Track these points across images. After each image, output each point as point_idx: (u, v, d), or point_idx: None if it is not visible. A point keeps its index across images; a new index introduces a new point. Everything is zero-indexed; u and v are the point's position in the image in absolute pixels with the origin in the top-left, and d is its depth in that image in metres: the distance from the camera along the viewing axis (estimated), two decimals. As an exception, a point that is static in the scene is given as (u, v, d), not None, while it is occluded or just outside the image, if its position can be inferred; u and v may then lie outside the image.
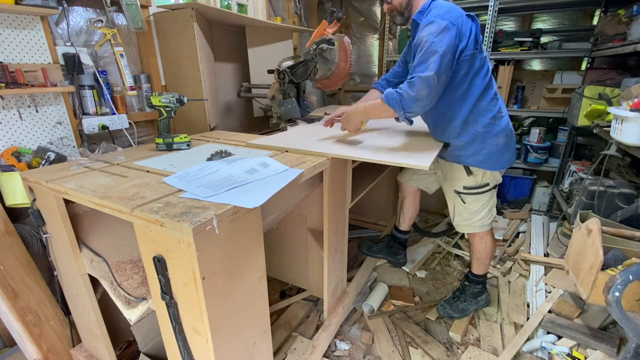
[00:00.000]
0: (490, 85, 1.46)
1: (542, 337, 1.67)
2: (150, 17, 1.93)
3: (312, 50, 1.80)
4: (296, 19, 3.19)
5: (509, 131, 1.53)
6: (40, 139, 1.55)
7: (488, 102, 1.46)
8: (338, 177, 1.48)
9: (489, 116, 1.46)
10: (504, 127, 1.50)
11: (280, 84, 1.96)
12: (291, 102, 1.97)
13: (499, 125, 1.49)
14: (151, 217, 0.82)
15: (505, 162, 1.58)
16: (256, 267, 1.03)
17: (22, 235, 1.43)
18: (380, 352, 1.64)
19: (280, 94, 2.00)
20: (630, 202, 1.90)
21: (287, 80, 1.93)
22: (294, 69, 1.91)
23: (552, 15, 3.05)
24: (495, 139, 1.50)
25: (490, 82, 1.46)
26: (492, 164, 1.55)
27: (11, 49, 1.42)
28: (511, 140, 1.56)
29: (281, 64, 1.97)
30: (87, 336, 1.45)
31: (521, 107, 2.96)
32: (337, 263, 1.68)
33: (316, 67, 1.84)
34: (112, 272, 1.08)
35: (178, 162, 1.29)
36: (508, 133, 1.53)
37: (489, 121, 1.47)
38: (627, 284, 1.12)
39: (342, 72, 1.85)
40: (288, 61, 2.02)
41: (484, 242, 1.71)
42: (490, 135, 1.49)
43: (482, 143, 1.50)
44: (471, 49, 1.35)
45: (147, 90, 1.97)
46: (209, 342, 0.89)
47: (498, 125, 1.48)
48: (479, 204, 1.63)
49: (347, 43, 1.82)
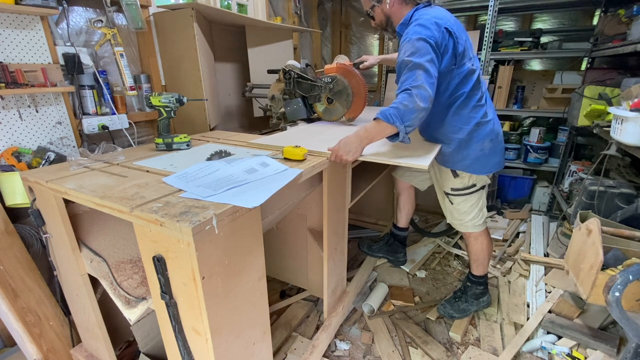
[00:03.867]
0: (474, 93, 1.44)
1: (542, 337, 1.67)
2: (150, 17, 1.93)
3: (324, 82, 1.87)
4: (296, 19, 3.19)
5: (494, 135, 1.52)
6: (40, 139, 1.55)
7: (470, 109, 1.45)
8: (338, 177, 1.48)
9: (472, 123, 1.46)
10: (488, 131, 1.49)
11: (286, 84, 1.95)
12: (297, 102, 1.94)
13: (484, 131, 1.48)
14: (151, 217, 0.82)
15: (493, 166, 1.57)
16: (256, 267, 1.03)
17: (22, 235, 1.43)
18: (380, 352, 1.64)
19: (286, 93, 1.99)
20: (630, 202, 1.90)
21: (293, 80, 1.91)
22: (300, 79, 1.92)
23: (552, 15, 3.05)
24: (480, 144, 1.49)
25: (474, 91, 1.44)
26: (479, 168, 1.55)
27: (11, 49, 1.42)
28: (498, 144, 1.55)
29: (287, 64, 1.97)
30: (87, 336, 1.45)
31: (521, 107, 2.96)
32: (337, 263, 1.68)
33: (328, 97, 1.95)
34: (112, 272, 1.08)
35: (178, 162, 1.29)
36: (494, 137, 1.51)
37: (472, 128, 1.47)
38: (627, 284, 1.12)
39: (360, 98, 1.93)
40: (294, 62, 2.03)
41: (479, 242, 1.71)
42: (475, 141, 1.49)
43: (468, 149, 1.50)
44: (446, 66, 1.34)
45: (147, 90, 1.97)
46: (209, 342, 0.89)
47: (483, 131, 1.48)
48: (467, 204, 1.63)
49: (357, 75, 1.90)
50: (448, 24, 1.33)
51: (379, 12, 1.50)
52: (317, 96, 1.94)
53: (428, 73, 1.25)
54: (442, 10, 1.40)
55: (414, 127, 1.31)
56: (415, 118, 1.27)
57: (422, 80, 1.24)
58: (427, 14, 1.35)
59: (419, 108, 1.24)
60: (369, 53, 3.87)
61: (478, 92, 1.46)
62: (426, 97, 1.24)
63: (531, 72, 3.13)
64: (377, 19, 1.53)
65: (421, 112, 1.26)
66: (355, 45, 3.94)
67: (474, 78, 1.43)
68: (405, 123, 1.27)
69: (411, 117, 1.26)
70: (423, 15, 1.35)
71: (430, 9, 1.39)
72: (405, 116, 1.26)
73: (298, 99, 1.95)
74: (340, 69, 1.89)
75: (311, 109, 2.03)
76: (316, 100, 1.96)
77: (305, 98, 1.96)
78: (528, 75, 3.07)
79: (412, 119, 1.26)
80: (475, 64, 1.46)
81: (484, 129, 1.48)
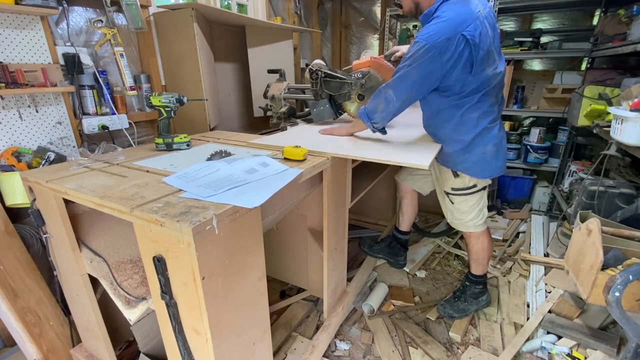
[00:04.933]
0: (485, 100, 1.41)
1: (542, 337, 1.67)
2: (150, 17, 1.93)
3: (355, 78, 1.82)
4: (296, 19, 3.19)
5: (499, 140, 1.51)
6: (40, 139, 1.55)
7: (480, 114, 1.43)
8: (338, 176, 1.48)
9: (480, 127, 1.44)
10: (493, 136, 1.48)
11: (313, 84, 1.88)
12: (324, 103, 1.89)
13: (489, 135, 1.47)
14: (151, 217, 0.82)
15: (494, 170, 1.56)
16: (256, 267, 1.03)
17: (22, 235, 1.43)
18: (380, 352, 1.64)
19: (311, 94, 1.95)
20: (630, 202, 1.90)
21: (321, 80, 1.85)
22: (328, 78, 1.85)
23: (552, 15, 3.05)
24: (483, 148, 1.48)
25: (488, 96, 1.41)
26: (480, 171, 1.54)
27: (11, 49, 1.42)
28: (501, 149, 1.53)
29: (314, 63, 1.92)
30: (87, 336, 1.45)
31: (521, 107, 2.96)
32: (337, 263, 1.68)
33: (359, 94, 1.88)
34: (112, 272, 1.08)
35: (178, 162, 1.29)
36: (498, 142, 1.50)
37: (479, 132, 1.45)
38: (627, 284, 1.12)
39: None
40: (321, 61, 1.98)
41: (480, 242, 1.71)
42: (479, 145, 1.48)
43: (470, 152, 1.49)
44: (458, 74, 1.30)
45: (147, 90, 1.97)
46: (209, 342, 0.89)
47: (488, 135, 1.47)
48: (467, 204, 1.63)
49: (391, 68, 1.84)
50: (468, 28, 1.23)
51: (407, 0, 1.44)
52: (347, 94, 1.86)
53: (411, 88, 1.34)
54: (469, 6, 1.28)
55: (379, 124, 1.48)
56: (377, 116, 1.45)
57: (397, 94, 1.36)
58: (451, 10, 1.26)
59: (380, 109, 1.42)
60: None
61: (491, 97, 1.43)
62: (390, 105, 1.39)
63: (531, 72, 3.13)
64: (406, 7, 1.45)
65: (382, 113, 1.43)
66: (355, 45, 3.94)
67: (493, 84, 1.39)
68: (370, 119, 1.47)
69: (373, 116, 1.46)
70: (445, 14, 1.26)
71: (459, 3, 1.28)
72: (370, 113, 1.47)
73: (325, 100, 1.89)
74: (373, 63, 1.81)
75: (338, 109, 1.97)
76: (346, 98, 1.88)
77: (332, 98, 1.90)
78: (528, 75, 3.07)
79: (374, 116, 1.46)
80: (500, 67, 1.40)
81: (490, 133, 1.47)
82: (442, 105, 1.44)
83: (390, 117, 1.45)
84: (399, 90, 1.36)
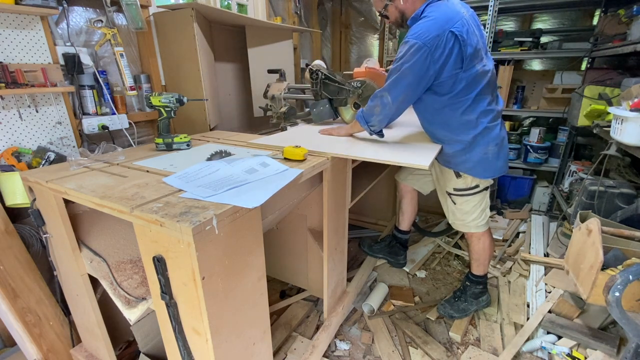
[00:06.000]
0: (483, 97, 1.41)
1: (542, 337, 1.67)
2: (150, 17, 1.93)
3: (353, 87, 1.82)
4: (296, 19, 3.19)
5: (500, 139, 1.50)
6: (40, 139, 1.55)
7: (479, 114, 1.42)
8: (338, 177, 1.48)
9: (480, 127, 1.44)
10: (495, 135, 1.48)
11: (313, 84, 1.88)
12: (324, 103, 1.88)
13: (490, 135, 1.47)
14: (151, 217, 0.82)
15: (496, 170, 1.55)
16: (256, 267, 1.03)
17: (22, 235, 1.43)
18: (380, 352, 1.64)
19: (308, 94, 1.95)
20: (630, 202, 1.90)
21: (320, 81, 1.84)
22: (327, 81, 1.85)
23: (552, 15, 3.05)
24: (484, 148, 1.48)
25: (483, 95, 1.41)
26: (482, 171, 1.54)
27: (11, 49, 1.42)
28: (502, 149, 1.53)
29: (314, 63, 1.92)
30: (87, 336, 1.45)
31: (521, 107, 2.96)
32: (337, 263, 1.68)
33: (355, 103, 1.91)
34: (112, 272, 1.08)
35: (178, 162, 1.29)
36: (499, 142, 1.50)
37: (480, 132, 1.45)
38: (627, 284, 1.12)
39: None
40: (321, 62, 1.98)
41: (482, 242, 1.71)
42: (480, 145, 1.47)
43: (471, 152, 1.49)
44: (450, 70, 1.31)
45: (147, 90, 1.97)
46: (209, 342, 0.89)
47: (489, 135, 1.46)
48: (470, 205, 1.62)
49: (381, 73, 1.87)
50: (455, 25, 1.27)
51: (392, 10, 1.46)
52: (344, 100, 1.87)
53: (407, 89, 1.35)
54: (454, 7, 1.33)
55: (376, 127, 1.49)
56: (374, 120, 1.47)
57: (393, 96, 1.37)
58: (437, 11, 1.30)
59: (377, 112, 1.44)
60: (369, 53, 3.87)
61: (487, 95, 1.43)
62: (387, 108, 1.41)
63: (531, 72, 3.13)
64: (392, 17, 1.48)
65: (379, 116, 1.44)
66: (355, 45, 3.94)
67: (484, 81, 1.39)
68: (367, 122, 1.49)
69: (370, 119, 1.48)
70: (432, 13, 1.30)
71: (442, 4, 1.33)
72: (367, 116, 1.49)
73: (325, 101, 1.89)
74: (370, 73, 1.82)
75: (336, 111, 1.98)
76: (342, 104, 1.89)
77: (331, 100, 1.90)
78: (528, 75, 3.07)
79: (371, 120, 1.48)
80: (488, 65, 1.42)
81: (491, 133, 1.47)
82: (436, 105, 1.43)
83: (387, 120, 1.45)
84: (395, 92, 1.37)
